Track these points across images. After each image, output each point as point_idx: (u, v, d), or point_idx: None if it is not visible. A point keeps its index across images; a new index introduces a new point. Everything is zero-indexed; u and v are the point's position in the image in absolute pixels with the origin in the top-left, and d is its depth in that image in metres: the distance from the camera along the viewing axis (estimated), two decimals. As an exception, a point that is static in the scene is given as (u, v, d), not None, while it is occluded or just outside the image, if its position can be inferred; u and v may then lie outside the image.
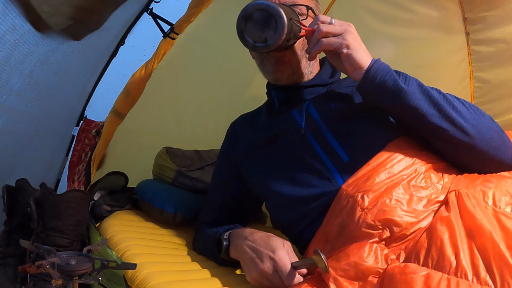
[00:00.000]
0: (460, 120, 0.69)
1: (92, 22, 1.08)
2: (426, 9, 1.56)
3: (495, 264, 0.46)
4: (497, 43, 1.47)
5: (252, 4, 0.74)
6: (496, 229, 0.50)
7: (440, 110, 0.69)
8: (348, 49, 0.71)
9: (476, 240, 0.49)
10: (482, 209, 0.54)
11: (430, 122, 0.69)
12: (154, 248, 0.91)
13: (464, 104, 0.72)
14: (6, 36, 0.88)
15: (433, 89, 0.72)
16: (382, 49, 1.59)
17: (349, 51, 0.71)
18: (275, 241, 0.72)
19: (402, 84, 0.70)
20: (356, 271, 0.54)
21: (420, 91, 0.70)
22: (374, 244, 0.56)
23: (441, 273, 0.47)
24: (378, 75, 0.70)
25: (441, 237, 0.51)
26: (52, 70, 1.15)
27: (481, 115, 0.72)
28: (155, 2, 1.35)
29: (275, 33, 0.71)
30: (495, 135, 0.71)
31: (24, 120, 1.17)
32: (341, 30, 0.72)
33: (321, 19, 0.74)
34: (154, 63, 1.17)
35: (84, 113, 1.61)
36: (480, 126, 0.70)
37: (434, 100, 0.70)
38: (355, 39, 0.73)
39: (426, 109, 0.69)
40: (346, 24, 0.74)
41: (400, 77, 0.71)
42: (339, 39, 0.72)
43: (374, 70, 0.70)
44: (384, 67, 0.72)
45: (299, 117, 0.84)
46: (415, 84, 0.71)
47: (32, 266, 0.58)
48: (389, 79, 0.70)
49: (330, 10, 1.72)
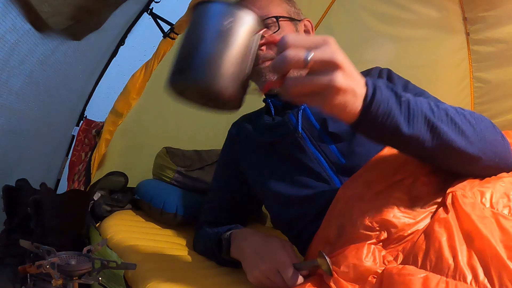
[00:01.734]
0: (468, 147, 0.58)
1: (92, 22, 1.08)
2: (426, 9, 1.56)
3: (493, 267, 0.46)
4: (497, 43, 1.47)
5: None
6: (494, 231, 0.50)
7: (448, 145, 0.56)
8: (339, 94, 0.48)
9: (474, 242, 0.49)
10: (479, 211, 0.54)
11: (435, 156, 0.60)
12: (154, 248, 0.91)
13: (470, 122, 0.60)
14: (6, 36, 0.88)
15: (441, 112, 0.57)
16: (382, 49, 1.59)
17: (341, 98, 0.49)
18: (277, 241, 0.72)
19: (404, 128, 0.54)
20: (356, 273, 0.54)
21: (427, 128, 0.55)
22: (372, 245, 0.56)
23: (440, 276, 0.47)
24: (378, 118, 0.53)
25: (439, 239, 0.51)
26: (52, 70, 1.15)
27: (485, 130, 0.62)
28: (155, 2, 1.35)
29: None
30: (499, 147, 0.64)
31: (24, 120, 1.17)
32: (327, 56, 0.48)
33: (289, 41, 0.49)
34: (154, 63, 1.17)
35: (84, 113, 1.61)
36: (486, 145, 0.61)
37: (441, 135, 0.56)
38: (347, 71, 0.49)
39: (431, 148, 0.56)
40: (325, 39, 0.50)
41: (402, 111, 0.54)
42: (326, 76, 0.48)
43: (372, 115, 0.52)
44: (383, 107, 0.52)
45: (295, 121, 0.85)
46: (420, 120, 0.55)
47: (32, 266, 0.58)
48: (390, 123, 0.53)
49: (330, 10, 1.72)
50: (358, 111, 0.51)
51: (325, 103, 0.49)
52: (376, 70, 0.92)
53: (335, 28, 1.71)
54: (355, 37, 1.67)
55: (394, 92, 0.55)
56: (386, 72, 0.91)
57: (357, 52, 1.64)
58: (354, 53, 1.84)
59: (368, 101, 0.51)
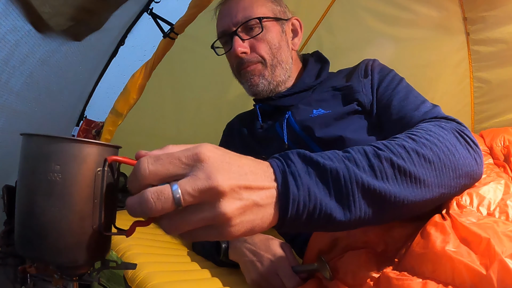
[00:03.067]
0: (426, 193, 0.48)
1: (92, 22, 1.08)
2: (426, 9, 1.56)
3: (492, 268, 0.44)
4: (497, 43, 1.47)
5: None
6: (493, 236, 0.48)
7: (403, 204, 0.46)
8: (236, 218, 0.37)
9: (470, 245, 0.47)
10: (474, 217, 0.51)
11: (395, 218, 0.52)
12: (154, 248, 0.91)
13: (425, 158, 0.48)
14: (7, 37, 0.88)
15: (384, 164, 0.45)
16: (382, 49, 1.59)
17: (242, 219, 0.37)
18: (275, 244, 0.72)
19: (339, 215, 0.42)
20: (354, 279, 0.53)
21: (372, 201, 0.44)
22: (370, 253, 0.55)
23: (437, 284, 0.45)
24: (301, 216, 0.41)
25: (436, 242, 0.49)
26: (52, 71, 1.16)
27: (447, 155, 0.51)
28: (155, 2, 1.35)
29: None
30: (464, 167, 0.53)
31: (25, 121, 1.17)
32: (202, 185, 0.35)
33: (145, 172, 0.37)
34: (154, 63, 1.17)
35: (84, 113, 1.61)
36: (448, 175, 0.51)
37: (389, 198, 0.45)
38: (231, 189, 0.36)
39: (383, 215, 0.46)
40: (195, 154, 0.37)
41: (332, 194, 0.42)
42: (209, 208, 0.36)
43: (293, 215, 0.40)
44: (304, 199, 0.40)
45: (281, 130, 0.85)
46: (358, 195, 0.42)
47: (32, 266, 0.58)
48: (320, 214, 0.41)
49: (330, 10, 1.72)
50: (274, 216, 0.39)
51: (223, 235, 0.37)
52: (363, 65, 0.89)
53: (335, 28, 1.71)
54: (355, 37, 1.67)
55: (317, 169, 0.41)
56: (371, 65, 0.87)
57: (357, 52, 1.64)
58: (354, 53, 1.85)
59: (283, 200, 0.39)
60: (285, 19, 0.92)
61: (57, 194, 0.39)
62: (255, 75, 0.87)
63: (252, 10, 0.87)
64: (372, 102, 0.81)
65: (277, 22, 0.89)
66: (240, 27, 0.87)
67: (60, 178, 0.38)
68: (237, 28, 0.87)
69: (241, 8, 0.87)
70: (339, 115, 0.81)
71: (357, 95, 0.82)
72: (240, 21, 0.87)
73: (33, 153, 0.40)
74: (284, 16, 0.92)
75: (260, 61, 0.88)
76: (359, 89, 0.83)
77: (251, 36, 0.87)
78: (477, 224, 0.49)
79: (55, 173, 0.38)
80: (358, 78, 0.85)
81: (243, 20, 0.86)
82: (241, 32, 0.87)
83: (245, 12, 0.87)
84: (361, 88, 0.83)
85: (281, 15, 0.91)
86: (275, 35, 0.89)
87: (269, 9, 0.89)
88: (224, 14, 0.91)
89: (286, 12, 0.94)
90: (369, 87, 0.83)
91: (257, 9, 0.87)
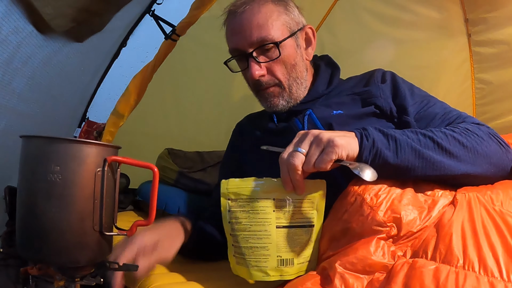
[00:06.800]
0: (457, 165, 0.66)
1: (94, 24, 1.08)
2: (427, 10, 1.56)
3: (503, 259, 0.48)
4: (499, 44, 1.47)
5: None
6: (504, 227, 0.52)
7: (437, 167, 0.66)
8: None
9: (484, 236, 0.51)
10: (491, 209, 0.56)
11: (429, 175, 0.67)
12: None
13: (460, 142, 0.68)
14: (9, 38, 0.88)
15: (427, 140, 0.67)
16: (384, 50, 1.60)
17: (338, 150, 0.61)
18: None
19: (391, 159, 0.65)
20: (364, 265, 0.54)
21: (415, 156, 0.65)
22: (382, 240, 0.56)
23: (449, 267, 0.49)
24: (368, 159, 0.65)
25: (449, 233, 0.52)
26: (54, 72, 1.16)
27: (479, 144, 0.68)
28: (157, 4, 1.36)
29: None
30: (494, 157, 0.69)
31: (26, 122, 1.18)
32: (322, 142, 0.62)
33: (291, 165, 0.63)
34: (156, 65, 1.17)
35: (86, 114, 1.61)
36: (479, 159, 0.68)
37: (429, 160, 0.65)
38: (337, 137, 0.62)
39: (421, 170, 0.66)
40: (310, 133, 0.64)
41: (391, 147, 0.65)
42: (323, 155, 0.61)
43: (363, 156, 0.64)
44: (371, 149, 0.64)
45: (301, 126, 0.86)
46: (408, 151, 0.65)
47: (34, 267, 0.58)
48: (379, 159, 0.64)
49: (332, 12, 1.72)
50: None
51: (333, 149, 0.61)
52: (379, 72, 0.91)
53: (336, 29, 1.71)
54: (357, 38, 1.67)
55: (382, 131, 0.67)
56: (390, 75, 0.90)
57: (358, 53, 1.64)
58: (355, 54, 1.85)
59: (360, 139, 0.65)
60: (299, 29, 0.90)
61: (57, 195, 0.39)
62: (275, 96, 0.87)
63: (267, 29, 0.83)
64: (391, 109, 0.84)
65: (291, 38, 0.88)
66: (256, 50, 0.84)
67: (60, 179, 0.39)
68: (253, 50, 0.84)
69: (255, 26, 0.83)
70: (358, 115, 0.84)
71: (375, 99, 0.85)
72: (256, 42, 0.83)
73: (33, 155, 0.40)
74: (297, 26, 0.89)
75: (277, 84, 0.87)
76: (377, 94, 0.86)
77: (268, 58, 0.85)
78: (491, 216, 0.56)
79: (55, 174, 0.38)
80: (376, 84, 0.88)
81: (259, 42, 0.83)
82: (257, 54, 0.85)
83: (260, 31, 0.83)
84: (379, 93, 0.86)
85: (294, 27, 0.88)
86: (291, 53, 0.87)
87: (284, 24, 0.86)
88: (237, 31, 0.86)
89: (299, 19, 0.91)
90: (388, 92, 0.86)
91: (272, 27, 0.83)
